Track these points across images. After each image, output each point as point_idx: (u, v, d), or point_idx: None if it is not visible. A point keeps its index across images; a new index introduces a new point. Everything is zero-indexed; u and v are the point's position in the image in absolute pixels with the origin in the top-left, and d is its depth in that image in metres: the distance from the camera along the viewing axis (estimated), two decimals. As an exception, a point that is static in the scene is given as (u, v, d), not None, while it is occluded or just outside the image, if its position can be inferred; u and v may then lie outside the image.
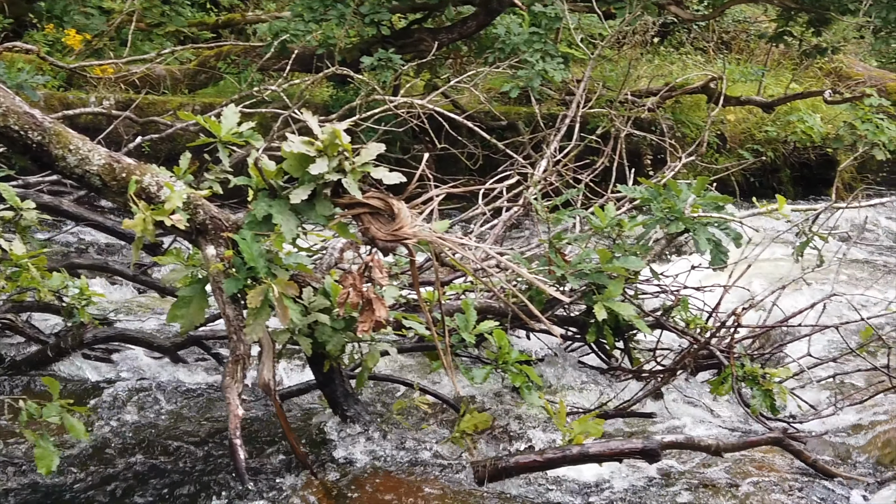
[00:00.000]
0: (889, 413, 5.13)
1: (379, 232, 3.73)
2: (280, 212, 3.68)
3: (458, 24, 9.66)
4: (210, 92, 10.77)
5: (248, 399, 4.79)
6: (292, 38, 8.54)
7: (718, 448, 4.18)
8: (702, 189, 5.11)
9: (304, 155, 3.64)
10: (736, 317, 5.24)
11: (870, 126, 10.49)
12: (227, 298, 3.78)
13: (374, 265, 3.76)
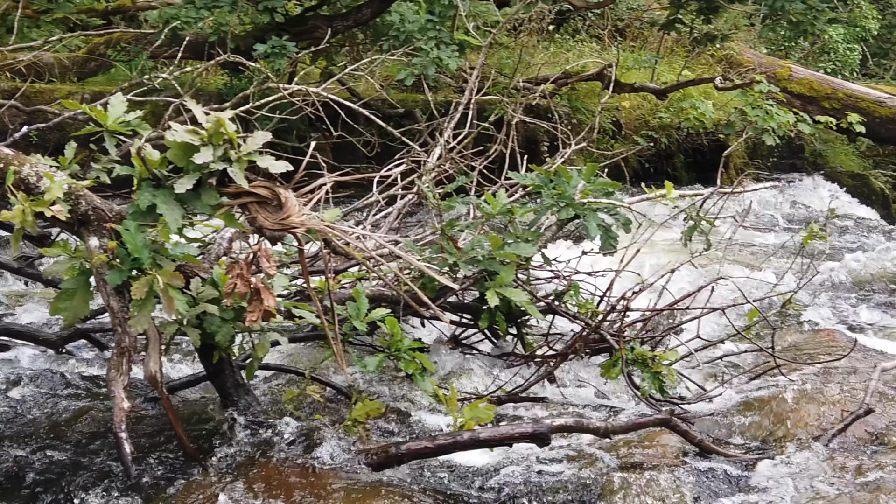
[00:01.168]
0: (772, 392, 5.26)
1: (266, 221, 3.70)
2: (164, 202, 3.62)
3: (353, 12, 9.61)
4: (100, 80, 10.56)
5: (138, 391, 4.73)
6: (183, 25, 8.41)
7: (607, 430, 4.24)
8: (591, 175, 5.17)
9: (189, 144, 3.59)
10: (625, 301, 5.32)
11: (760, 112, 10.73)
12: (112, 290, 3.72)
13: (262, 255, 3.74)
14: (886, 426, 4.95)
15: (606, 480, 4.20)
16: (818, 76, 13.58)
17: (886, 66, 17.86)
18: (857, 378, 5.44)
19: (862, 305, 7.58)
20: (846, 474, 4.32)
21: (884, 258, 8.80)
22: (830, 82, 13.49)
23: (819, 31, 10.55)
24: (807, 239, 5.76)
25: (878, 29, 15.91)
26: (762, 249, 8.35)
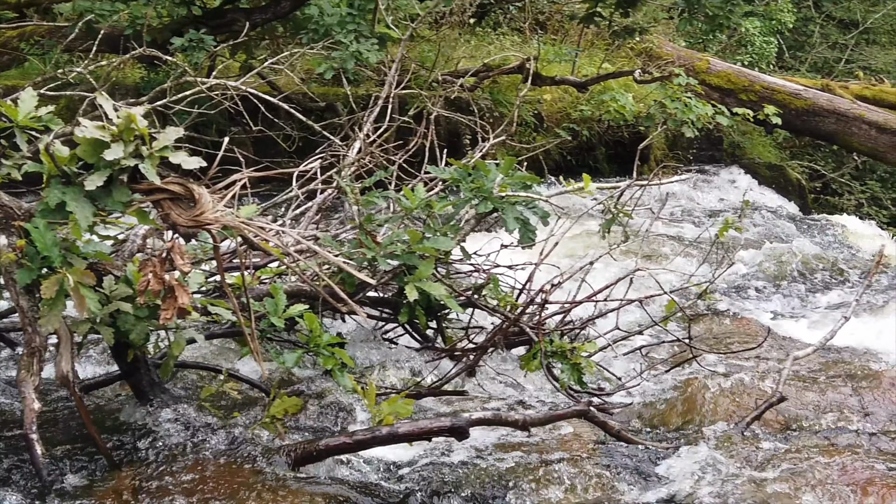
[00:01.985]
0: (689, 381, 5.34)
1: (180, 218, 3.66)
2: (74, 199, 3.56)
3: (271, 5, 9.51)
4: (13, 74, 10.34)
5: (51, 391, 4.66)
6: (98, 18, 8.26)
7: (525, 423, 4.26)
8: (509, 169, 5.19)
9: (99, 140, 3.54)
10: (544, 294, 5.35)
11: (679, 104, 10.85)
12: (21, 289, 3.65)
13: (176, 251, 3.69)
14: (799, 413, 5.06)
15: (525, 472, 4.23)
16: (736, 69, 13.77)
17: (802, 58, 18.17)
18: (771, 366, 5.55)
19: (777, 295, 7.72)
20: (760, 461, 4.40)
21: (799, 248, 8.96)
22: (748, 75, 13.68)
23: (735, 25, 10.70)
24: (722, 230, 5.84)
25: (793, 22, 16.19)
26: (680, 241, 8.46)
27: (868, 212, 15.82)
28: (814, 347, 5.23)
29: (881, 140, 13.03)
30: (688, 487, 4.18)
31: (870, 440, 4.73)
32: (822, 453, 4.46)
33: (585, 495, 4.12)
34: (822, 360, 5.86)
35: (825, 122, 13.31)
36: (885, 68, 17.55)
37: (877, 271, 5.85)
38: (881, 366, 5.71)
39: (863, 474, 4.25)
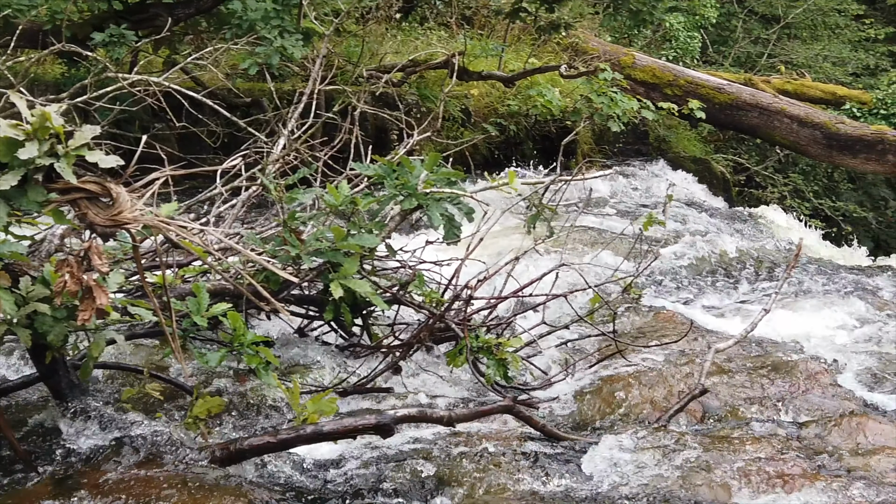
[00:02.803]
0: (614, 375, 5.39)
1: (97, 217, 3.60)
2: (-13, 199, 3.49)
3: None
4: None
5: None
6: (16, 12, 8.10)
7: (451, 419, 4.27)
8: (434, 165, 5.19)
9: (13, 139, 3.47)
10: (469, 289, 5.36)
11: (605, 99, 10.93)
12: (-67, 292, 3.58)
13: (93, 252, 3.63)
14: (721, 405, 5.14)
15: (451, 468, 4.24)
16: (660, 63, 13.91)
17: (725, 53, 18.40)
18: (694, 359, 5.62)
19: (701, 287, 7.82)
20: (683, 452, 4.45)
21: (723, 241, 9.07)
22: (672, 69, 13.83)
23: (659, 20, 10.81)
24: (646, 225, 5.90)
25: (716, 17, 16.39)
26: (606, 235, 8.52)
27: (791, 204, 16.09)
28: (734, 340, 5.30)
29: (802, 133, 13.26)
30: (611, 480, 4.22)
31: (788, 430, 4.82)
32: (743, 444, 4.53)
33: (510, 490, 4.13)
34: (744, 351, 5.95)
35: (748, 116, 13.51)
36: (806, 63, 17.85)
37: (795, 264, 5.94)
38: (799, 356, 5.82)
39: (782, 464, 4.32)
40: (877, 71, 18.93)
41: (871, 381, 5.67)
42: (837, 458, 4.46)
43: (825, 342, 6.36)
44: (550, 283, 5.95)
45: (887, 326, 6.76)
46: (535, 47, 12.73)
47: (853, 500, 4.07)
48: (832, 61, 18.55)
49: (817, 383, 5.46)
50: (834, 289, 7.83)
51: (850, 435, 4.73)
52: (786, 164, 17.11)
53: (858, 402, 5.35)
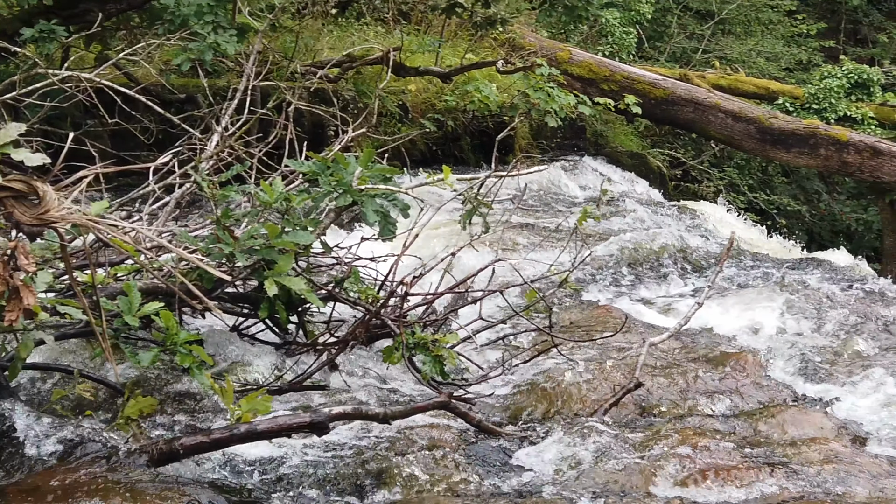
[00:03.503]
0: (550, 370, 5.42)
1: (24, 216, 3.54)
2: None
3: (126, -6, 9.28)
4: None
5: None
6: (-58, 8, 7.95)
7: (386, 416, 4.26)
8: (368, 161, 5.17)
9: (-66, 138, 3.41)
10: (405, 286, 5.36)
11: (542, 94, 10.97)
12: None
13: (20, 251, 3.57)
14: (655, 398, 5.18)
15: (387, 465, 4.24)
16: (597, 59, 14.00)
17: (661, 48, 18.57)
18: (630, 353, 5.67)
19: (638, 281, 7.88)
20: (617, 447, 4.49)
21: (660, 235, 9.15)
22: (608, 65, 13.92)
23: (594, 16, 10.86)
24: (581, 219, 5.93)
25: (652, 13, 16.54)
26: (542, 230, 8.57)
27: (727, 198, 16.29)
28: (668, 334, 5.36)
29: (737, 128, 13.43)
30: (545, 475, 4.25)
31: (722, 422, 4.88)
32: (678, 437, 4.58)
33: (446, 486, 4.14)
34: (678, 345, 6.01)
35: (683, 110, 13.65)
36: (740, 58, 18.07)
37: (726, 258, 6.01)
38: (732, 349, 5.90)
39: (716, 456, 4.38)
40: (809, 66, 19.22)
41: (803, 373, 5.76)
42: (768, 448, 4.53)
43: (758, 334, 6.45)
44: (487, 279, 5.96)
45: (818, 318, 6.87)
46: (472, 43, 12.74)
47: (784, 491, 4.13)
48: (765, 56, 18.80)
49: (750, 375, 5.53)
50: (767, 281, 7.94)
51: (780, 426, 4.81)
52: (721, 158, 17.32)
53: (789, 394, 5.43)
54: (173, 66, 9.00)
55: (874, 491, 4.13)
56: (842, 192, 20.06)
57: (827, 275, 8.37)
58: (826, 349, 6.18)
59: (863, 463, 4.38)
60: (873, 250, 18.87)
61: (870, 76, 14.12)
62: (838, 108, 13.75)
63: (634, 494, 4.02)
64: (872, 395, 5.35)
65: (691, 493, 4.09)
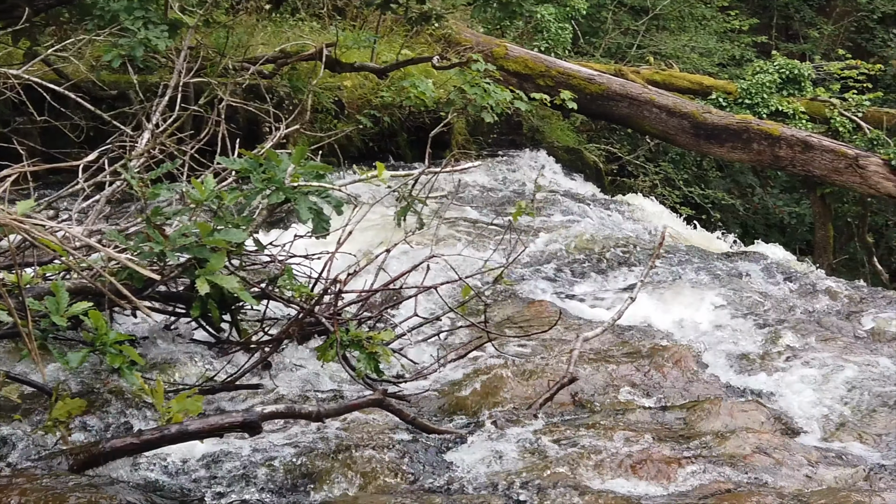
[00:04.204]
0: (485, 366, 5.42)
1: (-55, 216, 3.48)
2: None
3: (55, -11, 9.12)
4: None
5: None
6: None
7: (319, 414, 4.24)
8: (301, 158, 5.13)
9: None
10: (339, 283, 5.33)
11: (478, 90, 10.95)
12: None
13: (-59, 252, 3.51)
14: (590, 392, 5.21)
15: (322, 464, 4.21)
16: (533, 54, 14.03)
17: (596, 44, 18.68)
18: (565, 348, 5.68)
19: (574, 276, 7.91)
20: (551, 442, 4.50)
21: (596, 230, 9.21)
22: (544, 60, 13.96)
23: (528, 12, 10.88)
24: (516, 215, 5.93)
25: (587, 9, 16.60)
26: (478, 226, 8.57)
27: (662, 192, 16.43)
28: (602, 328, 5.39)
29: (671, 123, 13.55)
30: (480, 471, 4.25)
31: (655, 416, 4.92)
32: (611, 430, 4.61)
33: (380, 484, 4.13)
34: (613, 339, 6.05)
35: (619, 106, 13.74)
36: (675, 53, 18.23)
37: (659, 252, 6.06)
38: (667, 342, 5.94)
39: (648, 449, 4.41)
40: (742, 61, 19.44)
41: (735, 365, 5.83)
42: (701, 441, 4.57)
43: (692, 328, 6.51)
44: (423, 275, 5.95)
45: (751, 311, 6.95)
46: (407, 39, 12.72)
47: (717, 482, 4.17)
48: (699, 52, 18.98)
49: (683, 368, 5.58)
50: (701, 275, 8.01)
51: (713, 418, 4.86)
52: (656, 153, 17.46)
53: (722, 386, 5.49)
54: (104, 63, 8.88)
55: (805, 481, 4.19)
56: (775, 186, 20.33)
57: (760, 268, 8.47)
58: (759, 342, 6.25)
59: (793, 454, 4.44)
60: (806, 243, 19.17)
61: (801, 71, 14.29)
62: (770, 103, 13.91)
63: (567, 488, 4.03)
64: (803, 386, 5.42)
65: (623, 485, 4.12)
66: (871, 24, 21.97)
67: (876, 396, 5.18)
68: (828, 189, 15.13)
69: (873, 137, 13.21)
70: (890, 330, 6.68)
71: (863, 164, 12.84)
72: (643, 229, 10.25)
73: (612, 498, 3.95)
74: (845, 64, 15.82)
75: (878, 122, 13.56)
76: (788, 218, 19.77)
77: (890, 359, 5.84)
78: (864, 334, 6.66)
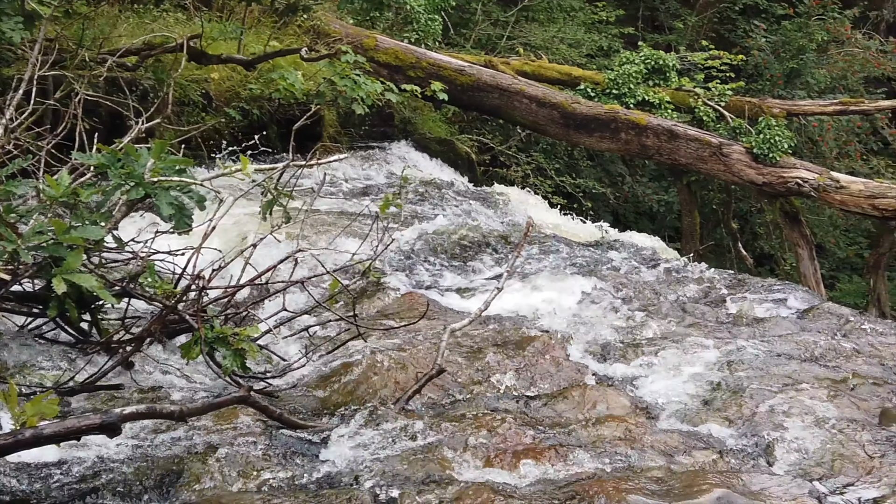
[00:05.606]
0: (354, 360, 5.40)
1: None
2: None
3: None
4: None
5: None
6: None
7: (182, 413, 4.15)
8: (161, 152, 5.02)
9: None
10: (203, 279, 5.23)
11: (348, 82, 10.90)
12: None
13: None
14: (458, 383, 5.23)
15: (187, 464, 4.15)
16: (403, 46, 13.98)
17: (466, 35, 18.73)
18: (434, 339, 5.69)
19: (444, 267, 7.93)
20: (419, 433, 4.51)
21: (468, 220, 9.25)
22: (415, 52, 13.93)
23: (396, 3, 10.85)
24: (383, 207, 5.91)
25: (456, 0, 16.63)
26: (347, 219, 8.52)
27: (534, 182, 16.59)
28: (469, 319, 5.40)
29: (541, 113, 13.68)
30: (348, 466, 4.24)
31: (522, 405, 4.96)
32: (479, 420, 4.63)
33: (247, 482, 4.08)
34: (483, 329, 6.08)
35: (489, 97, 13.81)
36: (544, 44, 18.39)
37: (525, 242, 6.11)
38: (534, 332, 5.99)
39: (514, 438, 4.45)
40: (609, 52, 19.73)
41: (602, 353, 5.91)
42: (566, 429, 4.63)
43: (560, 316, 6.57)
44: (291, 270, 5.89)
45: (619, 299, 7.06)
46: (275, 30, 12.56)
47: (582, 469, 4.24)
48: (568, 43, 19.19)
49: (551, 357, 5.64)
50: (571, 263, 8.10)
51: (579, 406, 4.92)
52: (528, 143, 17.62)
53: (589, 374, 5.56)
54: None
55: (665, 465, 4.27)
56: (644, 174, 20.73)
57: (629, 256, 8.63)
58: (625, 329, 6.35)
59: (655, 439, 4.53)
60: (675, 230, 19.61)
61: (666, 62, 14.55)
62: (637, 93, 14.13)
63: (435, 480, 4.04)
64: (667, 372, 5.54)
65: (490, 475, 4.14)
66: (733, 15, 22.51)
67: (736, 380, 5.32)
68: (693, 177, 15.48)
69: (736, 126, 13.53)
70: (751, 314, 6.87)
71: (726, 153, 13.16)
72: (514, 219, 10.33)
73: (478, 488, 3.96)
74: (709, 54, 16.18)
75: (740, 111, 13.88)
76: (657, 206, 20.18)
77: (749, 342, 6.00)
78: (727, 319, 6.83)
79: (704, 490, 3.83)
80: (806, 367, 5.63)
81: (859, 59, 20.10)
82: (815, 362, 5.77)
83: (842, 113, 15.41)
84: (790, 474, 4.26)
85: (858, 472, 4.28)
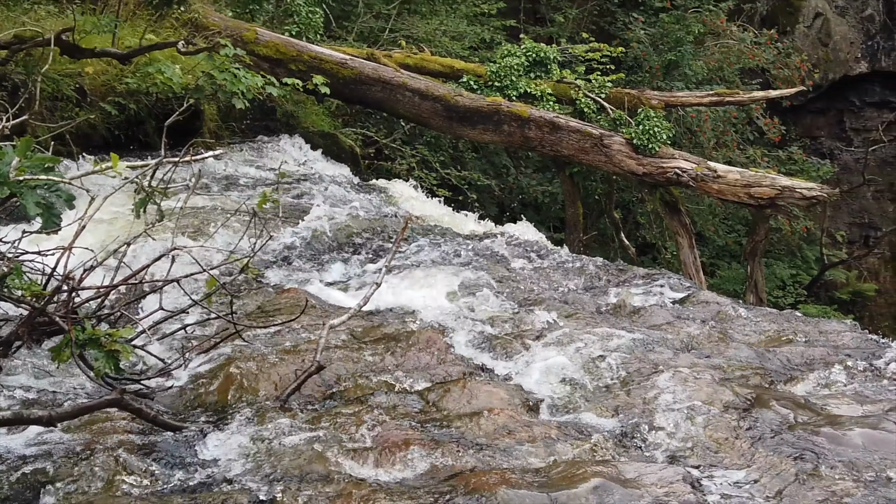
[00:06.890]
0: (232, 358, 5.32)
1: None
2: None
3: None
4: None
5: None
6: None
7: (52, 418, 4.04)
8: (26, 150, 4.86)
9: None
10: (72, 279, 5.09)
11: (228, 76, 10.74)
12: None
13: None
14: (339, 380, 5.19)
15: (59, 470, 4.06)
16: (284, 39, 13.84)
17: (349, 28, 18.63)
18: (314, 336, 5.64)
19: (327, 262, 7.87)
20: (300, 430, 4.47)
21: (351, 214, 9.18)
22: (296, 45, 13.81)
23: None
24: (261, 203, 5.81)
25: (338, -8, 16.56)
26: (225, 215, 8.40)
27: (419, 175, 16.58)
28: (348, 315, 5.36)
29: (424, 106, 13.69)
30: (227, 466, 4.18)
31: (403, 400, 4.95)
32: (359, 417, 4.60)
33: (120, 485, 3.98)
34: (364, 324, 6.05)
35: (372, 90, 13.76)
36: (426, 37, 18.39)
37: (403, 236, 6.10)
38: (417, 325, 5.99)
39: (395, 434, 4.43)
40: (492, 44, 19.82)
41: (483, 345, 5.93)
42: (447, 423, 4.64)
43: (442, 309, 6.57)
44: (167, 268, 5.77)
45: (502, 291, 7.09)
46: (152, 23, 12.31)
47: (463, 462, 4.24)
48: (450, 36, 19.21)
49: (433, 351, 5.64)
50: (453, 256, 8.12)
51: (459, 399, 4.93)
52: (413, 136, 17.60)
53: (471, 367, 5.57)
54: None
55: (545, 456, 4.30)
56: (528, 166, 20.88)
57: (513, 247, 8.67)
58: (508, 321, 6.38)
59: (535, 430, 4.55)
60: (560, 221, 19.81)
61: (547, 54, 14.67)
62: (519, 85, 14.22)
63: (315, 478, 4.01)
64: (547, 363, 5.57)
65: (371, 470, 4.13)
66: (612, 7, 22.86)
67: (614, 369, 5.38)
68: (576, 168, 15.65)
69: (616, 118, 13.72)
70: (631, 303, 6.97)
71: (607, 144, 13.35)
72: (397, 212, 10.31)
73: (359, 483, 3.95)
74: (589, 47, 16.38)
75: (620, 102, 14.08)
76: (542, 197, 20.35)
77: (629, 332, 6.08)
78: (607, 309, 6.91)
79: (582, 479, 3.87)
80: (682, 354, 5.73)
81: (735, 51, 20.57)
82: (691, 350, 5.88)
83: (718, 104, 15.78)
84: (666, 461, 4.33)
85: (732, 456, 4.37)
